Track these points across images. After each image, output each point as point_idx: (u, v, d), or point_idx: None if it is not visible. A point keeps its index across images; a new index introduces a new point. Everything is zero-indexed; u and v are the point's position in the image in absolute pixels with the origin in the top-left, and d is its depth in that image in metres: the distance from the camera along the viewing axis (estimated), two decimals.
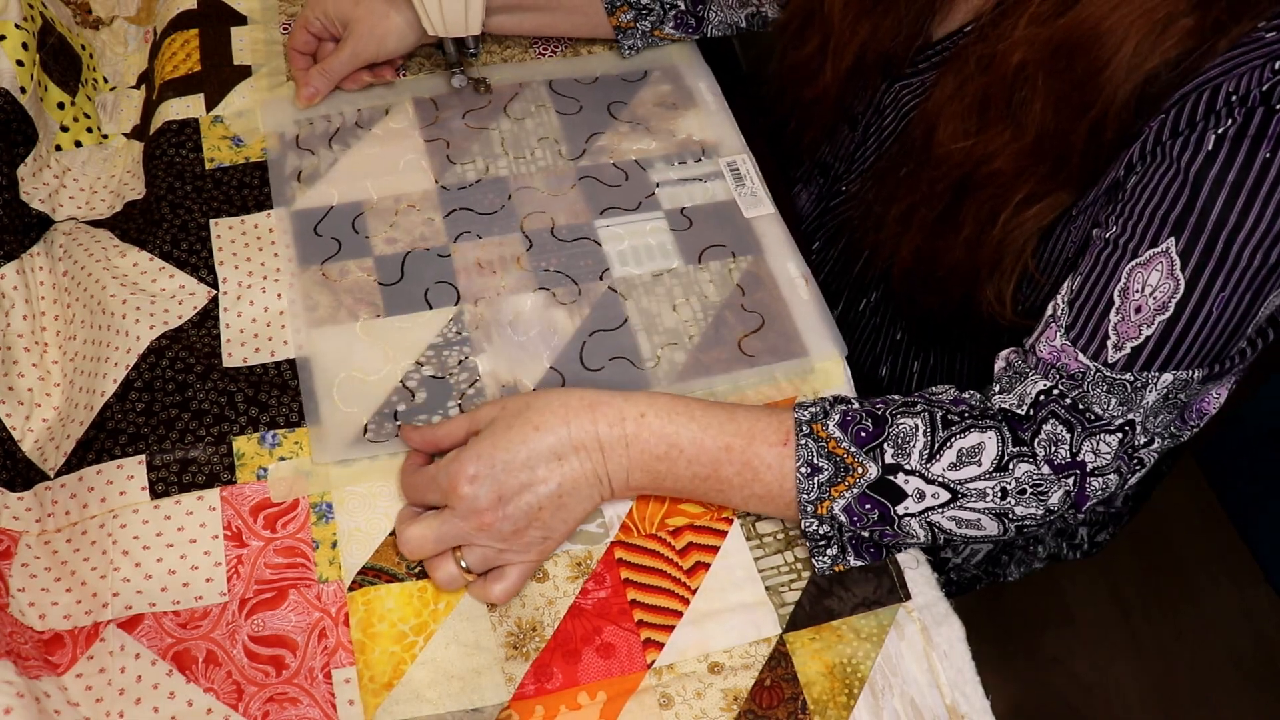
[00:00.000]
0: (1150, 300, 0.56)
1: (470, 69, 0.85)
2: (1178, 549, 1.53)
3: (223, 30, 0.85)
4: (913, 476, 0.58)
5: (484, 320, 0.71)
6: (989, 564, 0.89)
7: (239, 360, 0.68)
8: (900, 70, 0.75)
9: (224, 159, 0.77)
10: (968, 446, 0.58)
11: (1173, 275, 0.55)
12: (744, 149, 0.82)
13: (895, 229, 0.72)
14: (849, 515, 0.59)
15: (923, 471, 0.58)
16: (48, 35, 0.79)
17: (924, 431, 0.59)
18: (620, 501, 0.65)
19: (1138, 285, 0.56)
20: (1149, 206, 0.56)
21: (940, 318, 0.74)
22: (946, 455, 0.58)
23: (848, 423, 0.59)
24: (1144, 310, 0.56)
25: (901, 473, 0.58)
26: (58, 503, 0.63)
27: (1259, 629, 1.47)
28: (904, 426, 0.59)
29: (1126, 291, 0.57)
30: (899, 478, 0.58)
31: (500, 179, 0.79)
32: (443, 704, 0.58)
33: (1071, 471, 0.58)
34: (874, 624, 0.62)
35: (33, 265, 0.72)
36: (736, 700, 0.59)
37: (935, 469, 0.58)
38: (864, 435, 0.59)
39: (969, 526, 0.59)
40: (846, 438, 0.59)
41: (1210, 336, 0.56)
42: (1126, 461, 0.59)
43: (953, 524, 0.59)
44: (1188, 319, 0.55)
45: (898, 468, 0.58)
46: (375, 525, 0.63)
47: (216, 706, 0.56)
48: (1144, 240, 0.56)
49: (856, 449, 0.59)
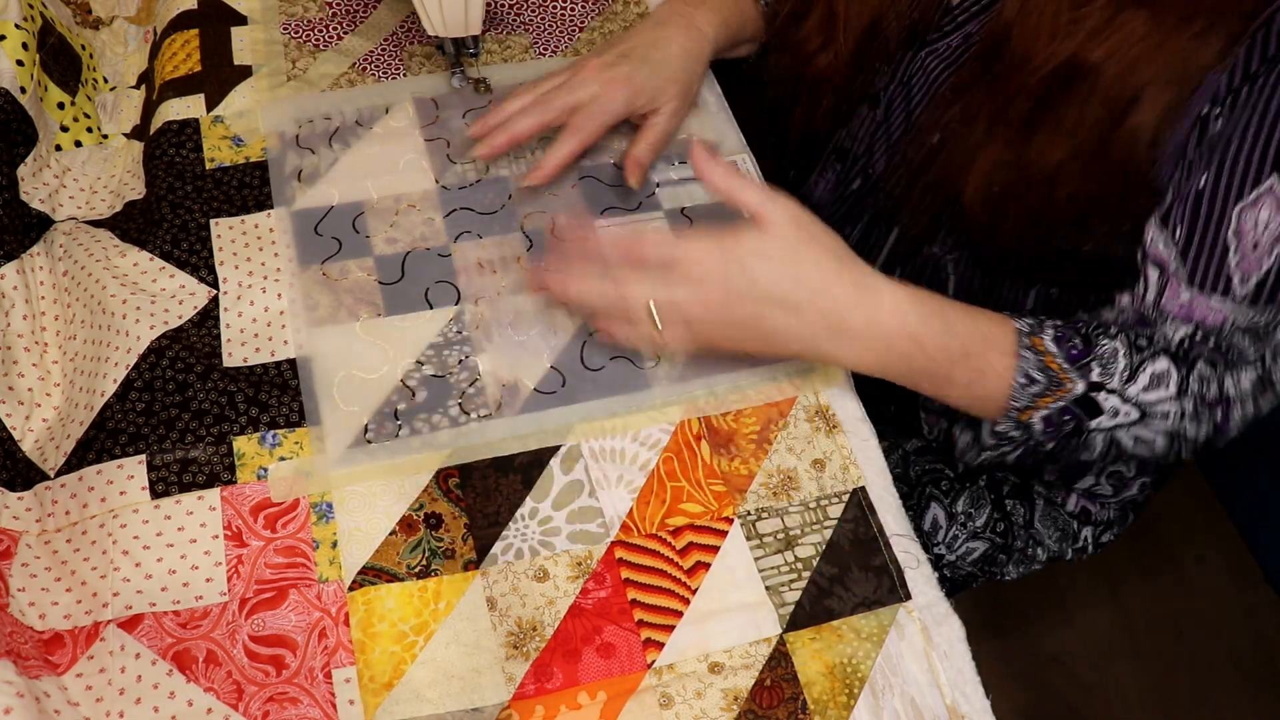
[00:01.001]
0: (1265, 235, 0.57)
1: (470, 69, 0.85)
2: (1178, 550, 1.53)
3: (223, 30, 0.85)
4: (1113, 395, 0.62)
5: (484, 320, 0.71)
6: (985, 563, 0.89)
7: (239, 360, 0.68)
8: (925, 36, 0.73)
9: (224, 159, 0.77)
10: (1158, 372, 0.62)
11: (1270, 210, 0.57)
12: (744, 149, 0.82)
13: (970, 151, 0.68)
14: (1045, 425, 0.63)
15: (1121, 392, 0.62)
16: (48, 35, 0.79)
17: (1124, 354, 0.62)
18: (620, 501, 0.65)
19: (1250, 224, 0.58)
20: (1245, 147, 0.57)
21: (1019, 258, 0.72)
22: (1141, 378, 0.62)
23: (1061, 339, 0.63)
24: (1261, 245, 0.58)
25: (1104, 391, 0.61)
26: (58, 502, 0.63)
27: (1259, 629, 1.47)
28: (1106, 348, 0.62)
29: (1241, 233, 0.58)
30: (1100, 395, 0.62)
31: (500, 179, 0.79)
32: (443, 704, 0.58)
33: (1219, 405, 0.62)
34: (874, 624, 0.62)
35: (33, 265, 0.72)
36: (736, 700, 0.59)
37: (1131, 390, 0.62)
38: (1075, 353, 0.62)
39: (1143, 445, 0.64)
40: (1061, 354, 0.62)
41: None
42: (1262, 391, 0.63)
43: (1131, 440, 0.63)
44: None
45: (1101, 386, 0.62)
46: (375, 525, 0.63)
47: (216, 706, 0.56)
48: (1247, 181, 0.57)
49: (1069, 365, 0.62)
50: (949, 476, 0.86)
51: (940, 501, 0.86)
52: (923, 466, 0.87)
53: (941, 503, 0.86)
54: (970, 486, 0.86)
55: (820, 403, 0.70)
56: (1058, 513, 0.87)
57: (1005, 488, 0.87)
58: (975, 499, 0.86)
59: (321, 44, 0.85)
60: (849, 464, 0.68)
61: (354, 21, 0.87)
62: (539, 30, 0.89)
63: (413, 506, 0.64)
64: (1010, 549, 0.89)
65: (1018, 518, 0.87)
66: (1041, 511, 0.87)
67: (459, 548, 0.63)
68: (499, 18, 0.89)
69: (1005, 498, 0.86)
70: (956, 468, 0.87)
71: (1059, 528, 0.88)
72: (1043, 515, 0.87)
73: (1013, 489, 0.87)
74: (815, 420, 0.69)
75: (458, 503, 0.64)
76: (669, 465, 0.67)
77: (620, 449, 0.67)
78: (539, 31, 0.89)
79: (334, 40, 0.86)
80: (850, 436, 0.69)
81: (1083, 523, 0.89)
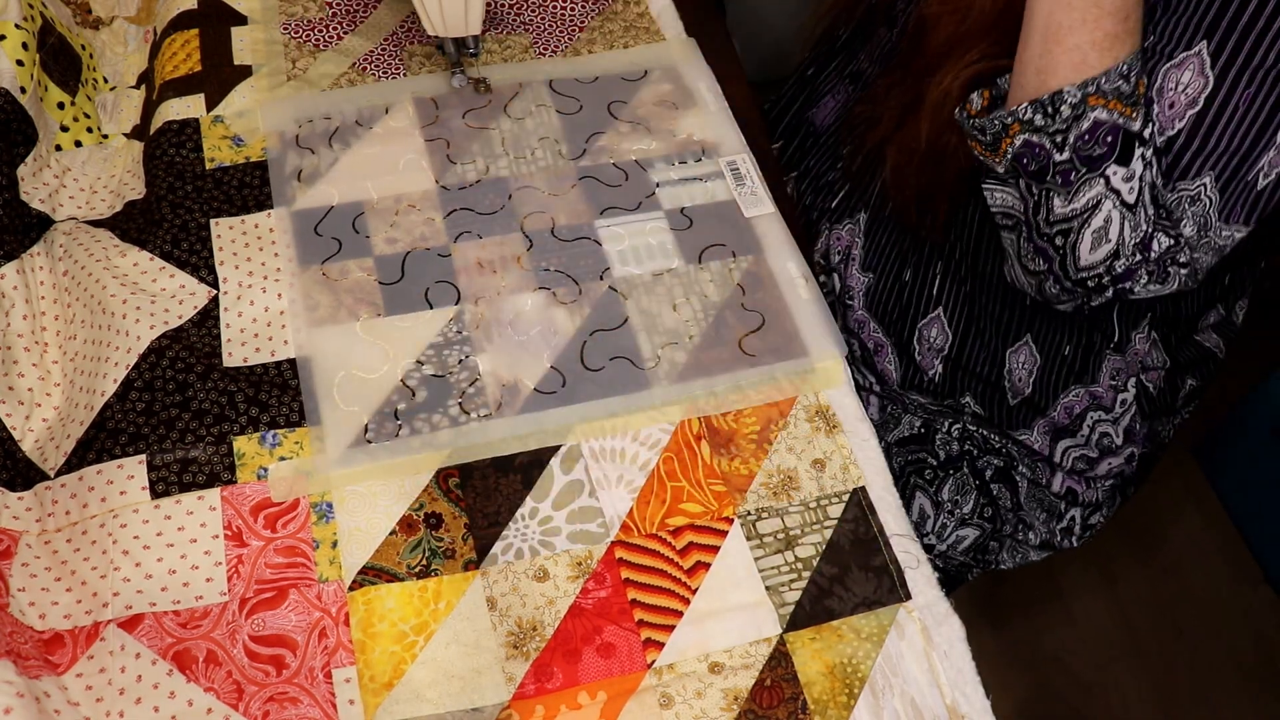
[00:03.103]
0: (1182, 96, 0.61)
1: (470, 69, 0.85)
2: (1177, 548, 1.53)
3: (223, 30, 0.85)
4: (1144, 160, 0.63)
5: (484, 319, 0.71)
6: (977, 551, 0.89)
7: (239, 360, 0.68)
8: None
9: (224, 159, 0.77)
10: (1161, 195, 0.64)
11: (1203, 74, 0.60)
12: (744, 149, 0.82)
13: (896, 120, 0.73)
14: (1092, 130, 0.61)
15: (1151, 162, 0.63)
16: (48, 35, 0.79)
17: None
18: (620, 501, 0.65)
19: (1172, 84, 0.61)
20: (1183, 14, 0.60)
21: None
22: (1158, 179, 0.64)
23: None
24: (1176, 105, 0.61)
25: (1145, 147, 0.63)
26: (58, 502, 0.63)
27: (1259, 629, 1.47)
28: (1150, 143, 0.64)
29: (1162, 90, 0.61)
30: (1140, 150, 0.63)
31: (500, 179, 0.79)
32: (443, 704, 0.58)
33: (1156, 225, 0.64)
34: (874, 624, 0.62)
35: (33, 265, 0.72)
36: (737, 700, 0.59)
37: (1152, 176, 0.63)
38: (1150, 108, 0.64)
39: (1096, 237, 0.64)
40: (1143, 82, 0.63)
41: (1235, 135, 0.60)
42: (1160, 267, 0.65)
43: (1101, 221, 0.64)
44: (1215, 113, 0.60)
45: (1147, 143, 0.63)
46: (375, 525, 0.63)
47: (217, 706, 0.56)
48: (1178, 44, 0.60)
49: (1146, 105, 0.63)
50: (932, 465, 0.86)
51: (925, 491, 0.86)
52: (905, 457, 0.87)
53: (927, 492, 0.86)
54: (954, 474, 0.86)
55: (820, 403, 0.70)
56: (1043, 494, 0.87)
57: (989, 472, 0.87)
58: (960, 486, 0.86)
59: (321, 44, 0.85)
60: (849, 464, 0.68)
61: (354, 21, 0.87)
62: (539, 30, 0.89)
63: (413, 506, 0.64)
64: (1000, 534, 0.89)
65: (1004, 501, 0.87)
66: (1026, 493, 0.87)
67: (459, 548, 0.63)
68: (499, 18, 0.89)
69: (990, 482, 0.87)
70: (939, 456, 0.87)
71: (1045, 509, 0.88)
72: (1028, 497, 0.87)
73: (995, 473, 0.87)
74: (815, 420, 0.69)
75: (458, 503, 0.64)
76: (669, 465, 0.67)
77: (620, 449, 0.67)
78: (539, 31, 0.89)
79: (334, 40, 0.86)
80: (850, 436, 0.69)
81: (1070, 504, 0.88)
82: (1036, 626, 1.45)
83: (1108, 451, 0.84)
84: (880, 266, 0.83)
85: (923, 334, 0.82)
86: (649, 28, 0.90)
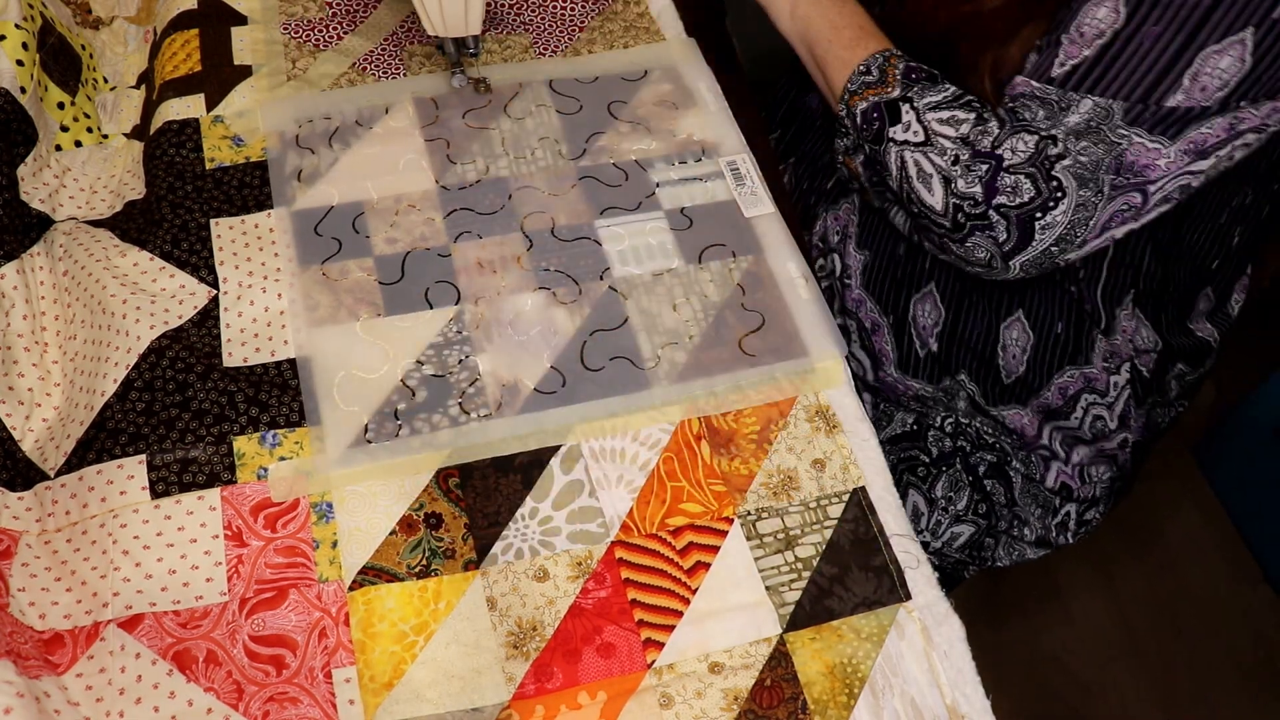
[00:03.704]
0: (1094, 28, 0.63)
1: (470, 69, 0.85)
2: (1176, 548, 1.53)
3: (223, 30, 0.85)
4: (912, 111, 0.70)
5: (484, 319, 0.71)
6: (972, 548, 0.89)
7: (239, 360, 0.68)
8: None
9: (224, 159, 0.77)
10: (958, 117, 0.69)
11: (1116, 9, 0.62)
12: (744, 149, 0.82)
13: None
14: (862, 118, 0.72)
15: (919, 108, 0.70)
16: (48, 35, 0.79)
17: (947, 93, 0.70)
18: (620, 501, 0.65)
19: (1088, 19, 0.63)
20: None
21: None
22: (941, 112, 0.69)
23: (912, 68, 0.72)
24: (1086, 35, 0.64)
25: (908, 104, 0.70)
26: (58, 502, 0.63)
27: (1259, 629, 1.47)
28: (939, 85, 0.70)
29: (1079, 25, 0.64)
30: (904, 106, 0.70)
31: (500, 179, 0.79)
32: (443, 704, 0.58)
33: (988, 159, 0.66)
34: (874, 624, 0.62)
35: (33, 265, 0.72)
36: (737, 700, 0.59)
37: (929, 115, 0.69)
38: (912, 72, 0.71)
39: (924, 181, 0.69)
40: (901, 66, 0.72)
41: (1140, 68, 0.62)
42: (1041, 170, 0.65)
43: (915, 169, 0.69)
44: (1120, 45, 0.62)
45: (909, 100, 0.70)
46: (375, 525, 0.63)
47: (217, 706, 0.56)
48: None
49: (900, 75, 0.71)
50: (924, 462, 0.86)
51: (918, 488, 0.86)
52: (898, 455, 0.87)
53: (920, 489, 0.86)
54: (947, 470, 0.86)
55: (820, 403, 0.70)
56: (1038, 489, 0.87)
57: (982, 468, 0.87)
58: (953, 482, 0.86)
59: (321, 44, 0.85)
60: (849, 464, 0.68)
61: (354, 21, 0.87)
62: (539, 30, 0.89)
63: (413, 506, 0.64)
64: (995, 530, 0.89)
65: (998, 496, 0.87)
66: (1021, 488, 0.87)
67: (459, 547, 0.63)
68: (499, 18, 0.89)
69: (983, 478, 0.86)
70: (931, 453, 0.87)
71: (1040, 504, 0.88)
72: (1022, 492, 0.87)
73: (989, 468, 0.87)
74: (815, 420, 0.69)
75: (458, 503, 0.64)
76: (669, 465, 0.67)
77: (620, 449, 0.67)
78: (539, 31, 0.89)
79: (334, 40, 0.86)
80: (850, 436, 0.69)
81: (1065, 499, 0.88)
82: (1036, 626, 1.45)
83: (1100, 436, 0.84)
84: (876, 243, 0.84)
85: (916, 310, 0.83)
86: (649, 28, 0.90)
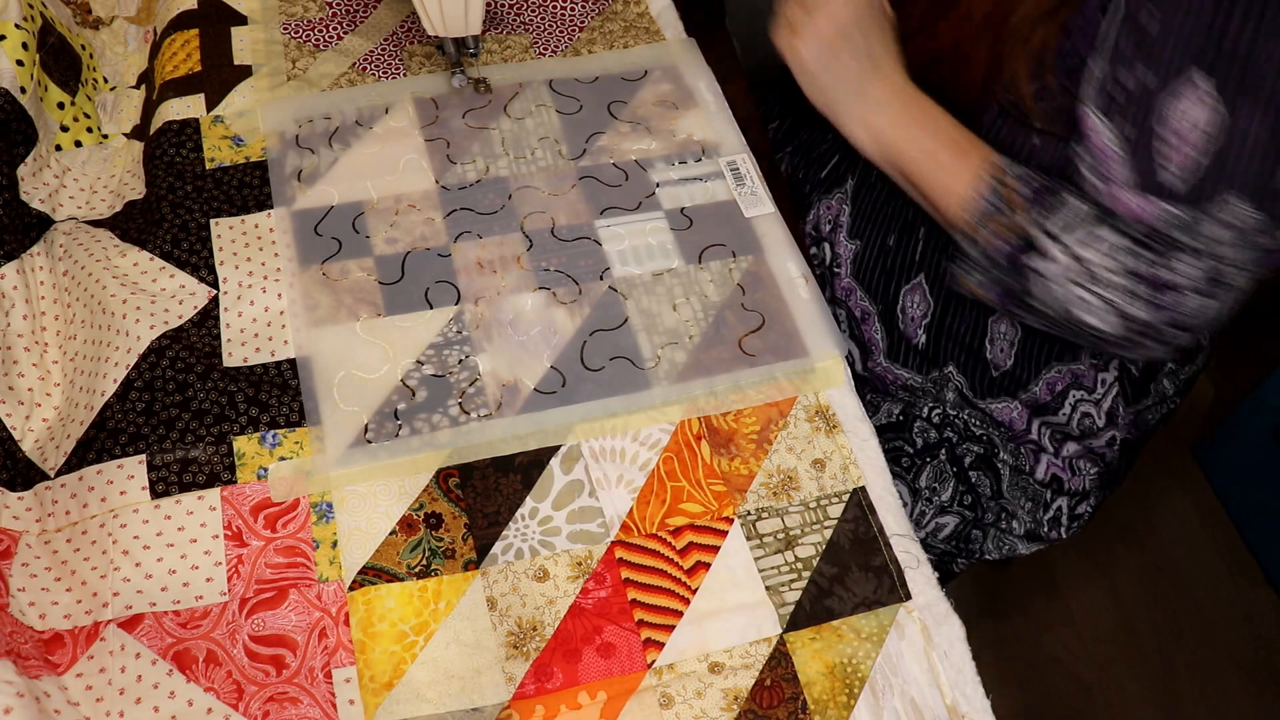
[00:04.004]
0: (1191, 129, 0.60)
1: (470, 69, 0.85)
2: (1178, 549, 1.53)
3: (223, 30, 0.85)
4: (1053, 243, 0.66)
5: (484, 319, 0.71)
6: (959, 540, 0.88)
7: (239, 360, 0.68)
8: None
9: (224, 159, 0.77)
10: (1112, 243, 0.64)
11: (1204, 103, 0.59)
12: (744, 149, 0.82)
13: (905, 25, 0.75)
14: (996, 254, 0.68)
15: (1065, 243, 0.66)
16: (48, 35, 0.79)
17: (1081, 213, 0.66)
18: (620, 501, 0.65)
19: (1177, 117, 0.60)
20: (1171, 41, 0.59)
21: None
22: (1094, 243, 0.65)
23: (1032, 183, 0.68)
24: (1189, 138, 0.60)
25: (1049, 238, 0.66)
26: (58, 502, 0.63)
27: (1259, 629, 1.47)
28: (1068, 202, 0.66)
29: (1165, 121, 0.61)
30: (1044, 240, 0.66)
31: (500, 179, 0.79)
32: (443, 704, 0.58)
33: (1167, 290, 0.64)
34: (874, 624, 0.62)
35: (33, 265, 0.72)
36: (737, 700, 0.59)
37: (1082, 251, 0.65)
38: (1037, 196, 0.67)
39: (1088, 310, 0.66)
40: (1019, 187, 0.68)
41: (1253, 161, 0.59)
42: (1218, 285, 0.63)
43: (1079, 301, 0.65)
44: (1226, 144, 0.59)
45: (1048, 233, 0.66)
46: (375, 525, 0.63)
47: (217, 706, 0.56)
48: (1173, 74, 0.60)
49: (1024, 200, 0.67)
50: (909, 453, 0.86)
51: (902, 478, 0.86)
52: (883, 445, 0.87)
53: (904, 479, 0.86)
54: (932, 461, 0.86)
55: (820, 403, 0.70)
56: (1027, 481, 0.87)
57: (968, 459, 0.86)
58: (938, 473, 0.86)
59: (321, 44, 0.85)
60: (849, 464, 0.68)
61: (354, 21, 0.87)
62: (539, 30, 0.89)
63: (413, 506, 0.64)
64: (982, 523, 0.88)
65: (984, 489, 0.86)
66: (1009, 481, 0.87)
67: (459, 547, 0.63)
68: (499, 18, 0.89)
69: (969, 469, 0.86)
70: (916, 443, 0.87)
71: (1030, 497, 0.87)
72: (1011, 485, 0.87)
73: (975, 459, 0.86)
74: (815, 420, 0.69)
75: (458, 503, 0.64)
76: (669, 465, 0.67)
77: (620, 449, 0.67)
78: (539, 31, 0.89)
79: (334, 40, 0.86)
80: (850, 436, 0.69)
81: (1056, 492, 0.87)
82: (1036, 627, 1.45)
83: (1088, 433, 0.84)
84: (867, 232, 0.84)
85: (905, 301, 0.83)
86: (649, 28, 0.90)
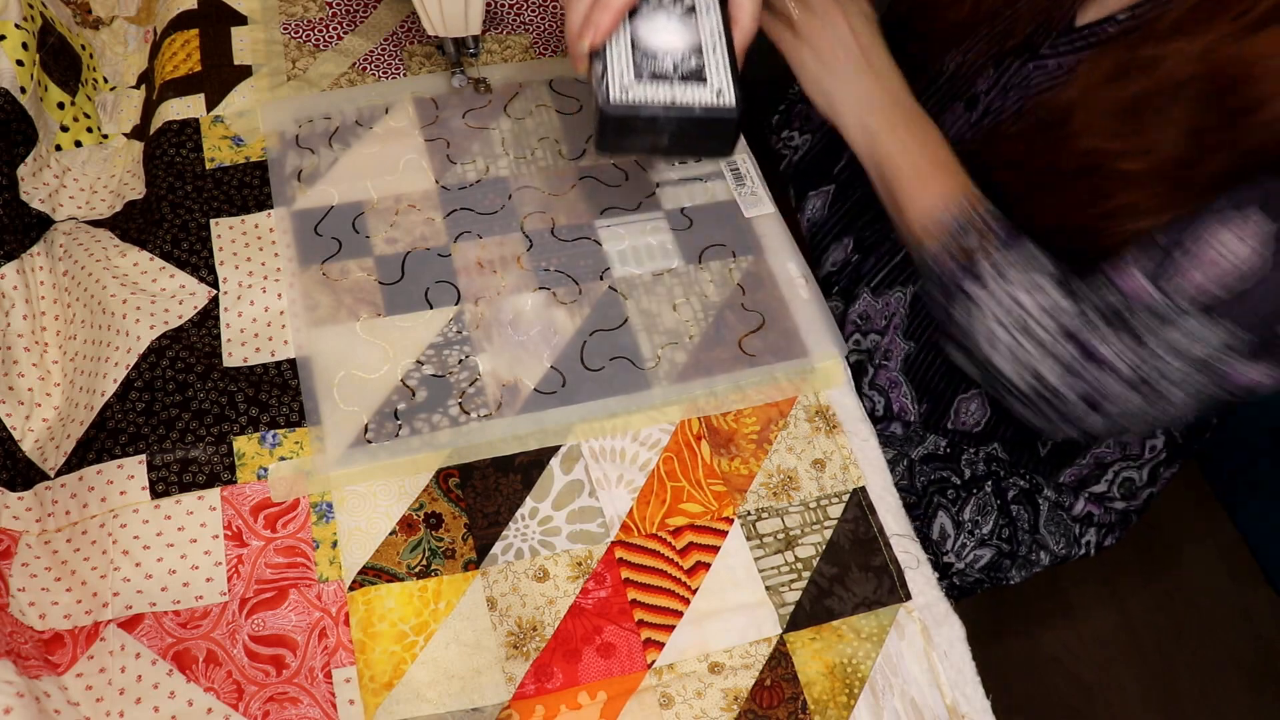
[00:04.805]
0: (1223, 260, 0.57)
1: (470, 69, 0.85)
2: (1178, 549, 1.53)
3: (223, 30, 0.85)
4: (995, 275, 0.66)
5: (484, 319, 0.71)
6: (991, 569, 0.89)
7: (239, 360, 0.68)
8: (1037, 51, 0.73)
9: (224, 159, 0.77)
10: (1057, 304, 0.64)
11: (1247, 243, 0.57)
12: (744, 149, 0.82)
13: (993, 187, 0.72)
14: (938, 267, 0.67)
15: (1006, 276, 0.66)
16: (48, 35, 0.79)
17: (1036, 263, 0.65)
18: (620, 501, 0.65)
19: (1215, 244, 0.58)
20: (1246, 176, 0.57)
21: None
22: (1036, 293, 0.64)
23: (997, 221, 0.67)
24: (1217, 266, 0.58)
25: (994, 272, 0.65)
26: (58, 502, 0.63)
27: (1259, 629, 1.47)
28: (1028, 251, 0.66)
29: (1201, 240, 0.58)
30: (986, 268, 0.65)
31: (501, 179, 0.79)
32: (443, 704, 0.58)
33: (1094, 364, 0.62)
34: (874, 624, 0.62)
35: (33, 265, 0.72)
36: (737, 700, 0.59)
37: (1022, 297, 0.65)
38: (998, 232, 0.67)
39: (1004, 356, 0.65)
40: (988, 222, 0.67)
41: (1264, 306, 0.57)
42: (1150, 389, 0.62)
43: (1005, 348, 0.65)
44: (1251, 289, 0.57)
45: (996, 267, 0.65)
46: (375, 525, 0.63)
47: (217, 706, 0.56)
48: (1233, 204, 0.57)
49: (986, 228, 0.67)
50: (955, 485, 0.86)
51: (948, 510, 0.86)
52: (929, 476, 0.86)
53: (949, 511, 0.86)
54: (977, 493, 0.86)
55: (820, 403, 0.70)
56: (1063, 516, 0.87)
57: (1011, 493, 0.87)
58: (982, 506, 0.86)
59: (321, 44, 0.85)
60: (849, 464, 0.68)
61: (354, 21, 0.87)
62: (539, 30, 0.89)
63: (413, 506, 0.64)
64: (1015, 555, 0.89)
65: (1023, 523, 0.87)
66: (1047, 516, 0.87)
67: (459, 547, 0.63)
68: (499, 18, 0.89)
69: (1011, 503, 0.86)
70: (963, 475, 0.87)
71: (1063, 532, 0.88)
72: (1048, 520, 0.87)
73: (1018, 494, 0.87)
74: (815, 420, 0.69)
75: (458, 503, 0.64)
76: (669, 465, 0.67)
77: (620, 449, 0.67)
78: (539, 31, 0.89)
79: (334, 40, 0.86)
80: (850, 436, 0.69)
81: (1086, 525, 0.89)
82: (1037, 627, 1.45)
83: (1129, 495, 0.86)
84: (923, 336, 0.84)
85: (960, 407, 0.84)
86: None
